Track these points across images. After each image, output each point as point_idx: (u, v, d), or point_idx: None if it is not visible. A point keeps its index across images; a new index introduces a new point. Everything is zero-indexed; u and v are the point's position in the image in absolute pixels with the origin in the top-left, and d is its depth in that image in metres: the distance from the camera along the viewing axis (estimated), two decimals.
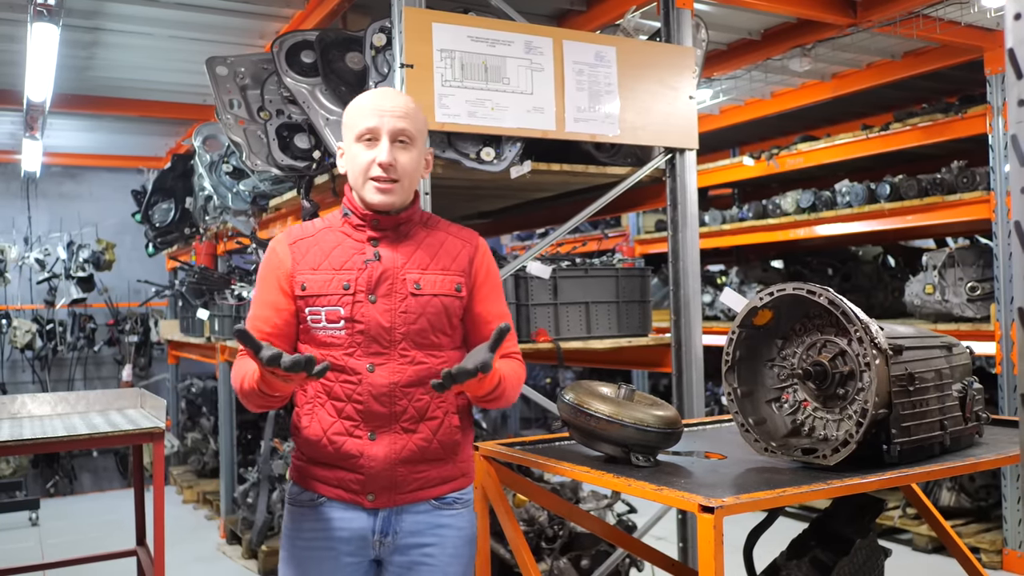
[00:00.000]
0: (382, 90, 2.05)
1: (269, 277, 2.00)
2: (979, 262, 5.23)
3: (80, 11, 4.47)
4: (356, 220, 2.00)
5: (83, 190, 9.06)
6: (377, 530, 1.98)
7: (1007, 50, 1.10)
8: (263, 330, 1.96)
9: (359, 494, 1.96)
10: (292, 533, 2.02)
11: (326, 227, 2.04)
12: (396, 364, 1.95)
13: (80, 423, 3.28)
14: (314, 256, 1.98)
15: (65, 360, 8.82)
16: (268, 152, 3.68)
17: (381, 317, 1.94)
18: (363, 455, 1.94)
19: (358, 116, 1.98)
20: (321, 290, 1.95)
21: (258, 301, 2.01)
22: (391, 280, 1.96)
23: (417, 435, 1.96)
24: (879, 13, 4.55)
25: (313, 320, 1.96)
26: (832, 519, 2.53)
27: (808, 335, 2.08)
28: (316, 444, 1.97)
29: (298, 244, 2.01)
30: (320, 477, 1.99)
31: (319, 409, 1.97)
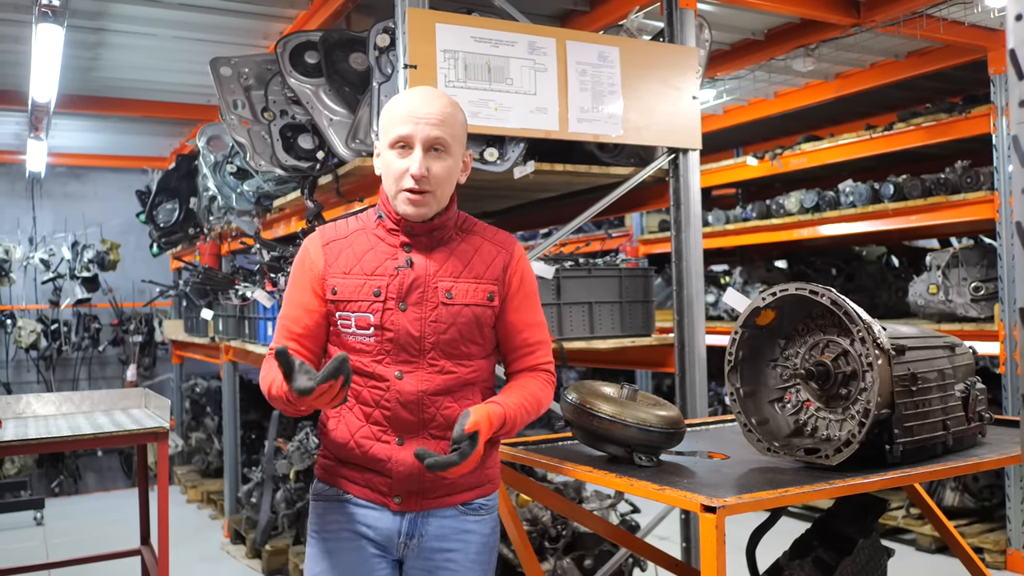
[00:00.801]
0: (419, 92, 1.95)
1: (301, 277, 1.97)
2: (983, 262, 5.23)
3: (84, 12, 4.48)
4: (390, 224, 1.95)
5: (87, 190, 9.08)
6: (403, 532, 1.96)
7: (1008, 51, 1.10)
8: (293, 330, 1.95)
9: (387, 496, 1.94)
10: (319, 526, 2.01)
11: (359, 228, 1.99)
12: (425, 373, 1.91)
13: (85, 423, 3.29)
14: (346, 259, 1.94)
15: (70, 360, 8.85)
16: (272, 152, 3.69)
17: (411, 326, 1.90)
18: (391, 460, 1.92)
19: (393, 121, 1.90)
20: (352, 295, 1.91)
21: (289, 300, 1.99)
22: (422, 288, 1.91)
23: (445, 442, 1.90)
24: (882, 13, 4.54)
25: (343, 325, 1.93)
26: (835, 519, 2.53)
27: (811, 335, 2.08)
28: (344, 446, 1.96)
29: (331, 245, 1.96)
30: (348, 476, 1.98)
31: (346, 412, 1.95)
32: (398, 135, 1.88)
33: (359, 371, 1.91)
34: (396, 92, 3.18)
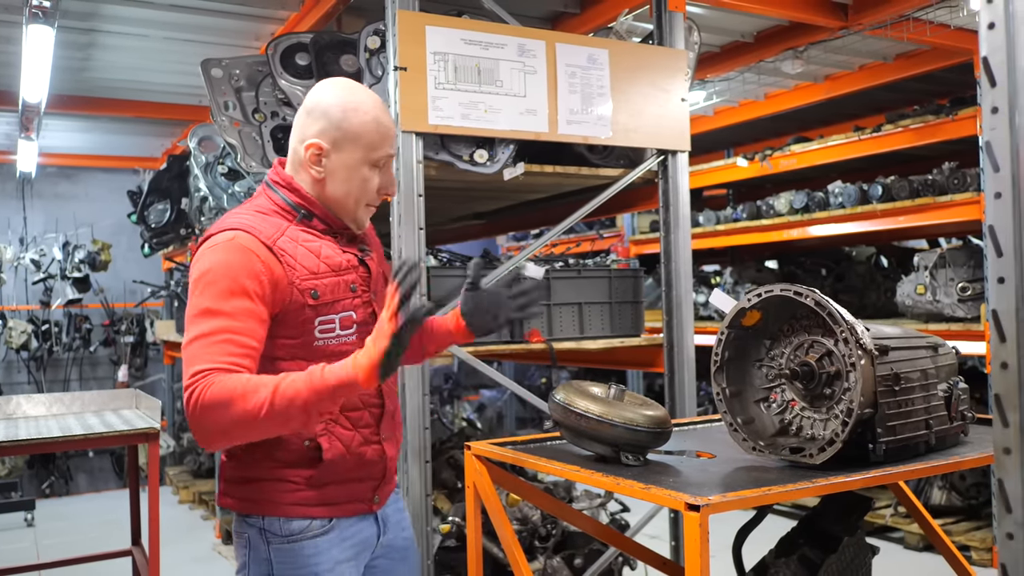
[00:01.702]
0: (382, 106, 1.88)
1: (249, 282, 1.68)
2: (970, 263, 5.27)
3: (75, 13, 4.48)
4: (323, 226, 1.86)
5: (79, 191, 9.07)
6: (380, 532, 1.98)
7: (981, 59, 1.12)
8: (249, 344, 1.64)
9: (367, 501, 1.92)
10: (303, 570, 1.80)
11: (288, 225, 1.81)
12: None
13: (75, 424, 3.30)
14: (305, 259, 1.78)
15: (61, 361, 8.84)
16: (263, 154, 3.70)
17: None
18: (383, 457, 1.93)
19: (381, 139, 1.84)
20: (334, 296, 1.80)
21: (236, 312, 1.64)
22: (378, 277, 1.95)
23: (396, 420, 2.00)
24: (870, 16, 4.58)
25: (324, 330, 1.78)
26: (820, 517, 2.56)
27: (796, 336, 2.10)
28: (339, 464, 1.82)
29: (279, 246, 1.75)
30: (331, 499, 1.84)
31: (335, 428, 1.82)
32: (386, 154, 1.86)
33: None
34: (386, 94, 3.19)
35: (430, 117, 3.12)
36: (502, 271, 3.56)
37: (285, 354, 1.77)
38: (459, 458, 4.33)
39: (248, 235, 1.73)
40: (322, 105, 1.83)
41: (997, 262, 1.10)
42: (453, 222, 5.62)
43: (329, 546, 1.83)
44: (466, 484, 2.42)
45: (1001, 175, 1.10)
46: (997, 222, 1.10)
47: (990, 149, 1.09)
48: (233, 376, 1.57)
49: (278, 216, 1.82)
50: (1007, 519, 1.08)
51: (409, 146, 3.11)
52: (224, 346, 1.61)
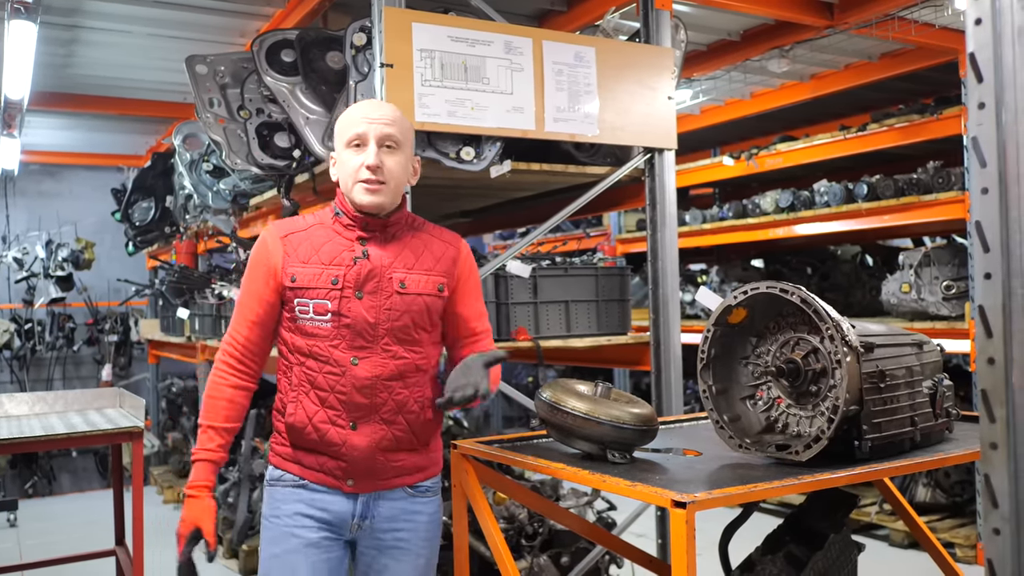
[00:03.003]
0: (370, 101, 2.16)
1: (257, 267, 2.11)
2: (954, 261, 5.30)
3: (58, 8, 4.45)
4: (347, 220, 2.10)
5: (62, 188, 9.00)
6: (357, 514, 2.10)
7: (968, 55, 1.12)
8: (248, 317, 2.10)
9: (340, 479, 2.08)
10: (274, 511, 2.12)
11: (317, 223, 2.14)
12: (379, 358, 2.06)
13: (58, 423, 3.27)
14: (304, 250, 2.08)
15: (44, 360, 8.77)
16: (248, 151, 3.68)
17: (367, 313, 2.05)
18: (345, 443, 2.05)
19: (347, 125, 2.09)
20: (310, 283, 2.06)
21: (246, 289, 2.12)
22: (378, 278, 2.07)
23: (395, 426, 2.08)
24: (855, 15, 4.60)
25: (301, 311, 2.06)
26: (806, 515, 2.57)
27: (782, 333, 2.11)
28: (301, 431, 2.07)
29: (290, 237, 2.10)
30: (303, 461, 2.10)
31: (303, 397, 2.07)
32: (354, 133, 2.07)
33: (316, 355, 2.06)
34: (373, 91, 3.18)
35: (416, 114, 3.11)
36: (488, 270, 3.55)
37: (285, 324, 2.12)
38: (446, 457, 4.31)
39: (271, 228, 2.15)
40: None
41: (984, 258, 1.10)
42: (440, 220, 5.60)
43: (295, 499, 2.09)
44: (453, 483, 2.42)
45: (988, 171, 1.10)
46: (984, 218, 1.10)
47: (977, 145, 1.09)
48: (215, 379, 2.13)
49: (325, 215, 2.16)
50: (993, 514, 1.08)
51: None
52: (237, 318, 2.12)
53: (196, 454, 2.06)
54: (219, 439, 2.06)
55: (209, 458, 2.05)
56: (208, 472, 2.05)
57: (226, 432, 2.08)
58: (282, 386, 2.13)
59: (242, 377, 2.11)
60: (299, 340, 2.07)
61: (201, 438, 2.06)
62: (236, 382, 2.11)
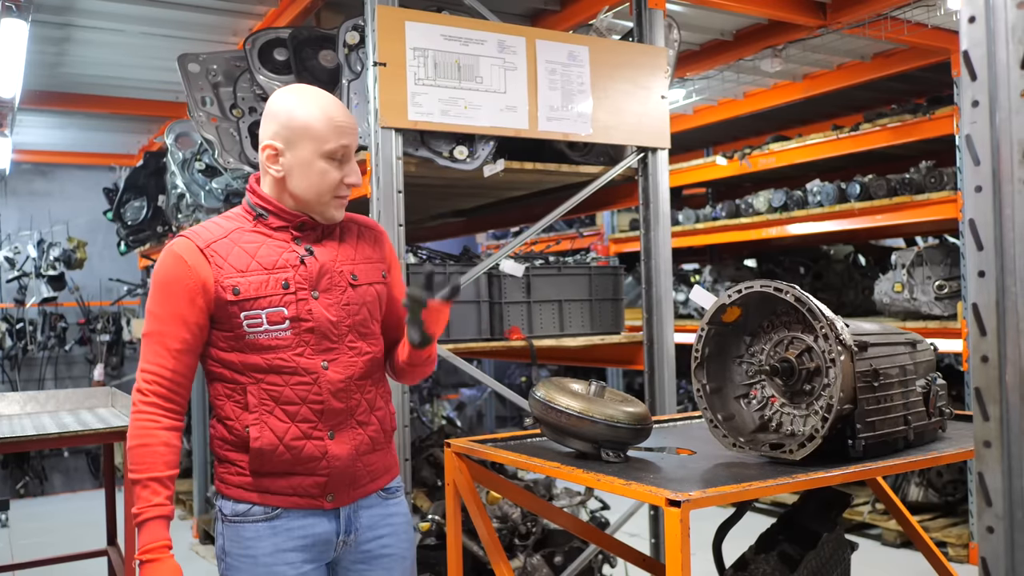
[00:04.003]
0: (336, 103, 1.97)
1: (174, 286, 1.87)
2: (947, 261, 5.31)
3: (50, 7, 4.42)
4: (279, 223, 1.95)
5: (54, 188, 8.96)
6: (341, 531, 1.98)
7: (962, 52, 1.12)
8: (172, 346, 1.86)
9: (318, 498, 1.94)
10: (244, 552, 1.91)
11: (236, 228, 1.95)
12: (347, 358, 1.96)
13: (50, 422, 3.26)
14: (237, 258, 1.90)
15: (36, 360, 8.73)
16: (241, 150, 3.67)
17: (328, 312, 1.94)
18: (325, 456, 1.92)
19: (331, 131, 1.91)
20: (258, 292, 1.88)
21: (163, 315, 1.87)
22: (330, 274, 1.97)
23: (370, 427, 2.01)
24: (848, 15, 4.61)
25: (251, 324, 1.88)
26: (800, 514, 2.57)
27: (776, 332, 2.11)
28: (271, 455, 1.89)
29: (213, 248, 1.89)
30: (271, 488, 1.91)
31: (268, 417, 1.89)
32: (339, 145, 1.92)
33: (278, 369, 1.89)
34: (366, 90, 3.18)
35: (410, 113, 3.10)
36: (481, 269, 3.55)
37: (225, 346, 1.91)
38: (439, 456, 4.31)
39: (186, 241, 1.90)
40: (272, 109, 1.96)
41: (977, 256, 1.10)
42: (433, 219, 5.60)
43: (271, 533, 1.91)
44: (446, 482, 2.41)
45: (981, 168, 1.10)
46: (978, 216, 1.10)
47: (970, 142, 1.09)
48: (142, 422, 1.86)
49: (239, 219, 1.97)
50: (987, 512, 1.08)
51: (388, 142, 3.09)
52: (155, 348, 1.87)
53: (144, 512, 1.80)
54: (165, 491, 1.82)
55: (160, 514, 1.81)
56: (163, 529, 1.81)
57: (170, 481, 1.84)
58: (229, 411, 1.92)
59: (173, 416, 1.88)
60: (252, 358, 1.89)
61: (143, 494, 1.81)
62: (168, 423, 1.87)
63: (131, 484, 1.84)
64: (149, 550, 1.79)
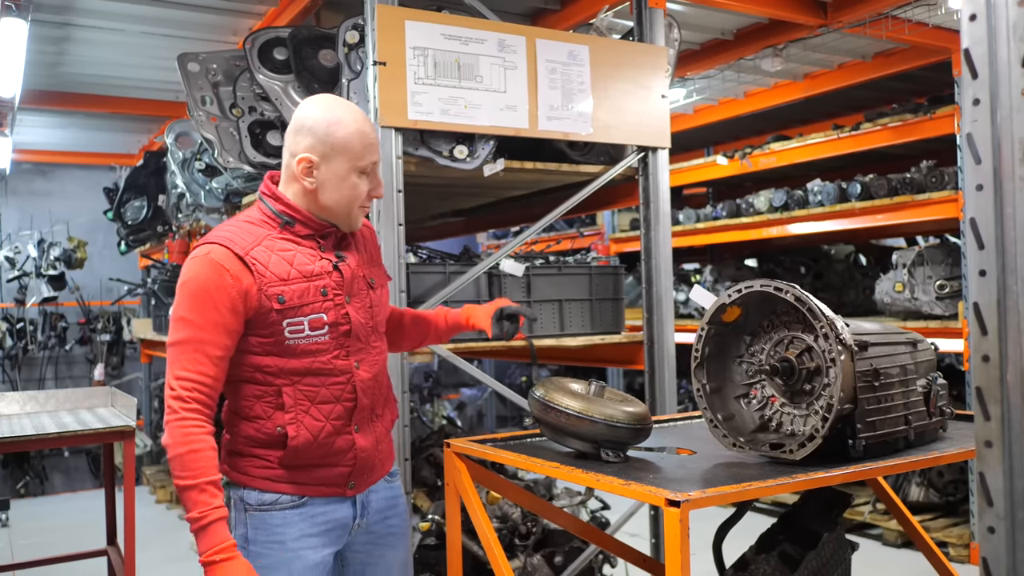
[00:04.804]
0: (367, 119, 2.05)
1: (216, 295, 1.88)
2: (948, 260, 5.30)
3: (50, 6, 4.43)
4: (306, 231, 2.02)
5: (54, 187, 8.97)
6: (357, 515, 2.11)
7: (963, 50, 1.12)
8: (213, 354, 1.89)
9: (342, 486, 2.07)
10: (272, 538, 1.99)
11: (266, 235, 1.99)
12: (371, 357, 2.10)
13: (49, 422, 3.25)
14: (277, 266, 1.95)
15: (36, 359, 8.73)
16: (240, 149, 3.66)
17: (359, 315, 2.05)
18: (353, 448, 2.05)
19: (366, 149, 2.00)
20: (301, 300, 1.95)
21: (203, 322, 1.88)
22: (356, 280, 2.07)
23: (384, 419, 2.17)
24: (849, 14, 4.60)
25: (293, 331, 1.94)
26: (800, 514, 2.56)
27: (776, 332, 2.10)
28: (306, 450, 1.98)
29: (252, 256, 1.92)
30: (299, 479, 2.01)
31: (304, 417, 1.97)
32: (371, 162, 2.03)
33: (316, 372, 1.98)
34: (365, 89, 3.17)
35: (410, 112, 3.10)
36: (481, 268, 3.54)
37: (261, 351, 1.96)
38: (439, 456, 4.30)
39: (223, 249, 1.91)
40: (308, 122, 2.00)
41: (978, 255, 1.10)
42: (433, 219, 5.60)
43: (298, 519, 2.01)
44: (446, 482, 2.41)
45: (983, 167, 1.10)
46: (979, 215, 1.10)
47: (971, 141, 1.09)
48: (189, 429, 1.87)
49: (264, 225, 2.01)
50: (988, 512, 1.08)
51: (388, 142, 3.08)
52: (194, 355, 1.88)
53: (206, 516, 1.83)
54: (220, 492, 1.87)
55: (222, 516, 1.85)
56: (227, 531, 1.85)
57: (220, 485, 1.89)
58: (259, 411, 1.98)
59: (212, 422, 1.92)
60: (290, 362, 1.95)
61: (201, 498, 1.83)
62: (210, 428, 1.90)
63: (184, 489, 1.84)
64: (219, 550, 1.83)
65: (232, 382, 1.99)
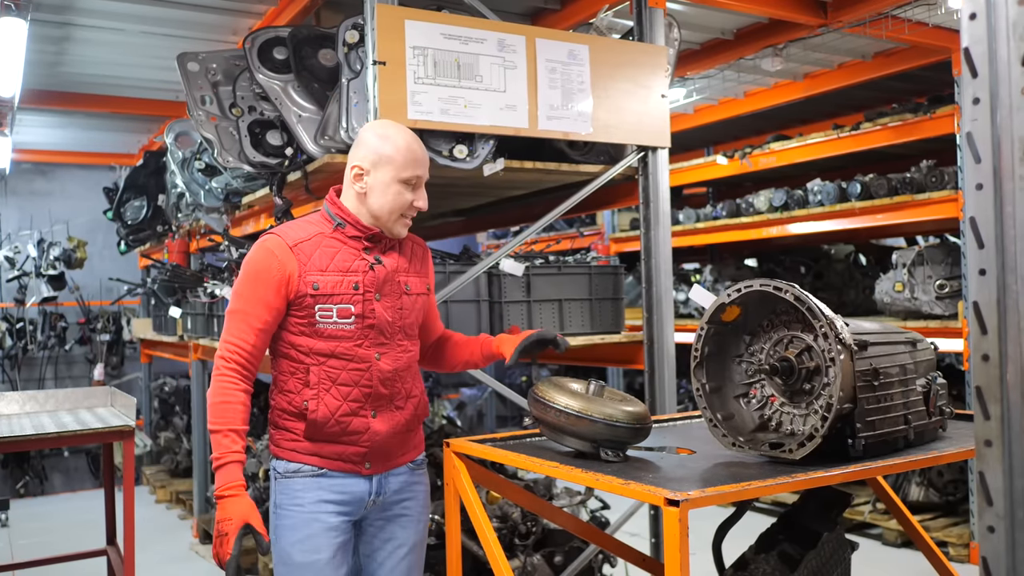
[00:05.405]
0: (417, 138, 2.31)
1: (265, 275, 2.20)
2: (947, 260, 5.30)
3: (49, 5, 4.42)
4: (355, 232, 2.28)
5: (54, 187, 8.96)
6: (373, 492, 2.31)
7: (963, 49, 1.12)
8: (255, 325, 2.20)
9: (358, 464, 2.28)
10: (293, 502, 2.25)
11: (318, 232, 2.27)
12: (395, 352, 2.30)
13: (49, 422, 3.25)
14: (319, 259, 2.23)
15: (36, 359, 8.73)
16: (240, 149, 3.66)
17: (386, 313, 2.28)
18: (368, 430, 2.26)
19: (409, 162, 2.25)
20: (333, 290, 2.22)
21: (250, 297, 2.21)
22: (391, 282, 2.30)
23: (406, 412, 2.34)
24: (849, 14, 4.60)
25: (323, 316, 2.22)
26: (800, 513, 2.56)
27: (775, 331, 2.10)
28: (323, 425, 2.23)
29: (300, 247, 2.22)
30: (321, 452, 2.26)
31: (324, 395, 2.22)
32: (415, 175, 2.27)
33: (339, 355, 2.23)
34: (365, 88, 3.17)
35: (409, 112, 3.10)
36: (481, 268, 3.54)
37: (296, 330, 2.25)
38: (439, 456, 4.30)
39: (277, 238, 2.24)
40: (364, 138, 2.30)
41: (978, 254, 1.09)
42: (433, 219, 5.59)
43: (316, 487, 2.25)
44: (445, 481, 2.41)
45: (982, 166, 1.10)
46: (979, 214, 1.10)
47: (971, 140, 1.09)
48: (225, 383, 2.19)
49: (320, 224, 2.30)
50: (988, 512, 1.08)
51: None
52: (240, 324, 2.21)
53: (223, 457, 2.12)
54: (241, 440, 2.15)
55: (238, 459, 2.13)
56: (239, 473, 2.13)
57: (244, 434, 2.18)
58: (292, 385, 2.26)
59: (248, 382, 2.21)
60: (318, 343, 2.22)
61: (223, 442, 2.13)
62: (245, 387, 2.20)
63: (212, 432, 2.15)
64: (228, 487, 2.11)
65: (275, 357, 2.30)
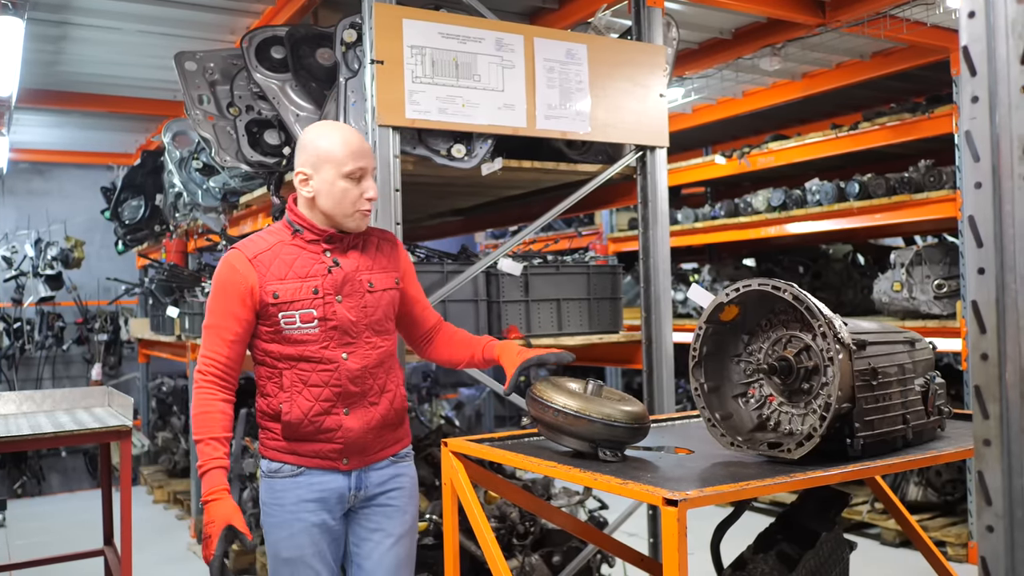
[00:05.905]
0: (352, 131, 2.35)
1: (229, 290, 2.28)
2: (946, 260, 5.30)
3: (46, 4, 4.42)
4: (312, 236, 2.33)
5: (52, 187, 8.95)
6: (352, 487, 2.37)
7: (961, 47, 1.11)
8: (226, 337, 2.29)
9: (335, 460, 2.34)
10: (275, 501, 2.34)
11: (278, 241, 2.33)
12: (363, 351, 2.34)
13: (46, 422, 3.24)
14: (278, 268, 2.29)
15: (33, 359, 8.72)
16: (238, 148, 3.66)
17: (349, 313, 2.32)
18: (341, 428, 2.32)
19: (348, 156, 2.29)
20: (293, 296, 2.28)
21: (219, 311, 2.30)
22: (351, 282, 2.34)
23: (380, 407, 2.39)
24: (847, 13, 4.59)
25: (287, 322, 2.29)
26: (798, 513, 2.56)
27: (774, 331, 2.10)
28: (298, 426, 2.30)
29: (259, 258, 2.29)
30: (299, 451, 2.33)
31: (297, 396, 2.30)
32: (356, 167, 2.29)
33: (307, 358, 2.29)
34: (363, 88, 3.16)
35: (407, 111, 3.09)
36: (479, 268, 3.54)
37: (266, 337, 2.33)
38: (437, 455, 4.30)
39: (236, 252, 2.31)
40: (302, 142, 2.36)
41: (977, 252, 1.09)
42: (431, 218, 5.59)
43: (295, 487, 2.33)
44: (443, 481, 2.40)
45: (981, 165, 1.09)
46: (977, 212, 1.09)
47: (970, 138, 1.09)
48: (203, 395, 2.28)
49: (279, 234, 2.36)
50: (987, 511, 1.07)
51: (386, 141, 3.08)
52: (213, 338, 2.30)
53: (206, 464, 2.21)
54: (222, 447, 2.23)
55: (221, 465, 2.21)
56: (222, 477, 2.20)
57: (226, 441, 2.26)
58: (269, 389, 2.34)
59: (226, 391, 2.30)
60: (287, 348, 2.30)
61: (206, 450, 2.22)
62: (223, 396, 2.29)
63: (196, 442, 2.24)
64: (212, 492, 2.19)
65: (255, 364, 2.38)
